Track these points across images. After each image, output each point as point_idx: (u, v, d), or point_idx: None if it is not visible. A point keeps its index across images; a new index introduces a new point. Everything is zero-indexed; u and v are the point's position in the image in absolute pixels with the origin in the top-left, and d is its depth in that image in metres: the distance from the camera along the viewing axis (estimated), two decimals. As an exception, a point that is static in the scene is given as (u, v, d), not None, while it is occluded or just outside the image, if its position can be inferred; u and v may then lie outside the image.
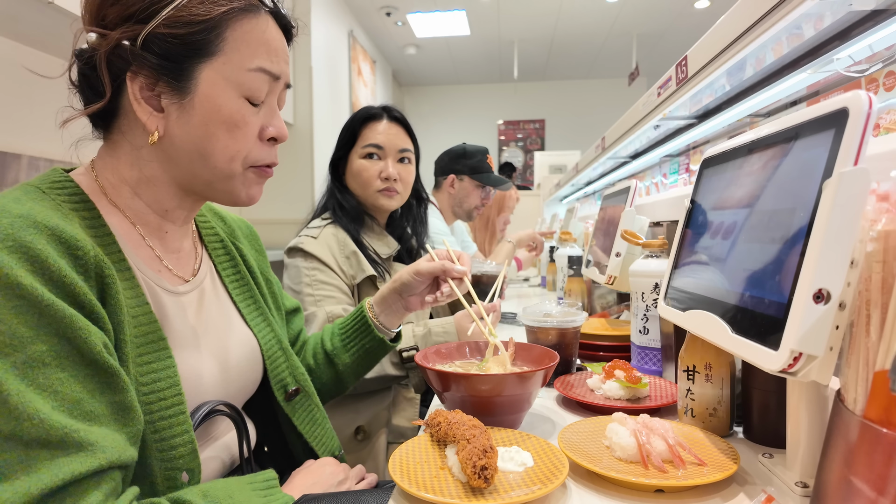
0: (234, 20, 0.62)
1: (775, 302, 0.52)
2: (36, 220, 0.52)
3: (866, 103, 0.47)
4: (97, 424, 0.50)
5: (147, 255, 0.67)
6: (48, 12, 2.17)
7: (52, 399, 0.48)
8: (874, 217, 0.46)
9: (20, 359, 0.47)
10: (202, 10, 0.60)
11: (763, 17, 0.76)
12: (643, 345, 1.00)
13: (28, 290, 0.48)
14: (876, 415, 0.41)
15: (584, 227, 2.17)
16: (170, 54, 0.60)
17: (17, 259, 0.49)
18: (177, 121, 0.62)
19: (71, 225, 0.55)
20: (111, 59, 0.60)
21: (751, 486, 0.61)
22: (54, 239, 0.52)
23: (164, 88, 0.61)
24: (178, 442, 0.59)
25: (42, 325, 0.49)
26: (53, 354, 0.49)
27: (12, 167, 2.49)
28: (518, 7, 5.40)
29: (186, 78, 0.61)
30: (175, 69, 0.61)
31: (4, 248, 0.49)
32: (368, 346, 0.95)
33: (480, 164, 2.09)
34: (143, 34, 0.59)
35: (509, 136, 7.88)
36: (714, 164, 0.78)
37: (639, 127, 1.51)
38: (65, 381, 0.49)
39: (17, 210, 0.52)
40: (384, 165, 1.32)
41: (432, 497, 0.55)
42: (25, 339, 0.48)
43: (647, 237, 1.15)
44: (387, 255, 1.32)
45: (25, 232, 0.50)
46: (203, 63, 0.62)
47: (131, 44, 0.59)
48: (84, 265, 0.54)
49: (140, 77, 0.60)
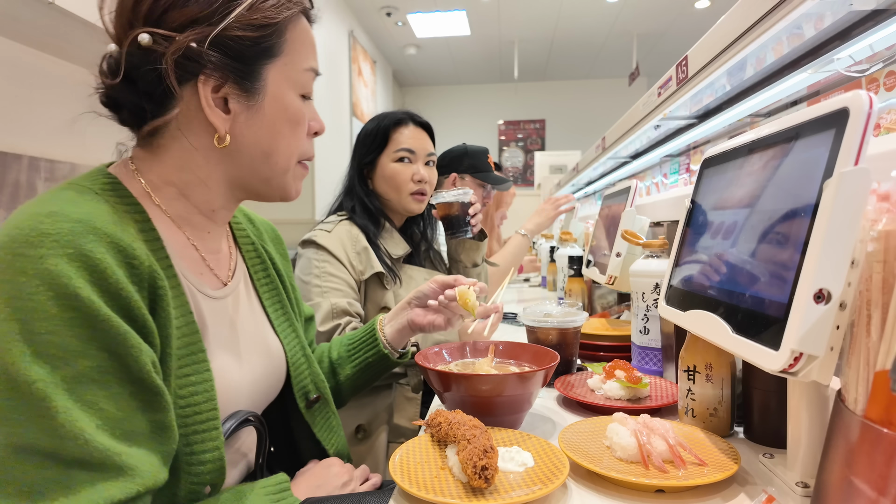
0: (292, 21, 0.64)
1: (776, 302, 0.52)
2: (95, 226, 0.51)
3: (867, 103, 0.47)
4: (136, 445, 0.49)
5: (191, 257, 0.67)
6: (48, 12, 2.17)
7: (96, 417, 0.47)
8: (875, 217, 0.46)
9: (69, 373, 0.46)
10: (273, 12, 0.61)
11: (763, 17, 0.76)
12: (644, 345, 1.00)
13: (85, 302, 0.47)
14: (876, 415, 0.41)
15: (584, 227, 2.17)
16: (241, 56, 0.60)
17: (77, 268, 0.48)
18: (245, 122, 0.62)
19: (127, 232, 0.54)
20: (177, 62, 0.58)
21: (751, 486, 0.61)
22: (113, 247, 0.51)
23: (233, 90, 0.61)
24: (208, 458, 0.58)
25: (94, 339, 0.48)
26: (101, 370, 0.48)
27: (13, 167, 2.49)
28: (518, 7, 5.39)
29: (256, 79, 0.62)
30: (245, 71, 0.61)
31: (64, 256, 0.48)
32: (371, 359, 0.94)
33: (482, 164, 2.10)
34: (211, 36, 0.58)
35: (509, 136, 7.88)
36: (714, 164, 0.78)
37: (639, 127, 1.51)
38: (110, 399, 0.48)
39: (75, 214, 0.50)
40: (416, 168, 1.36)
41: (433, 497, 0.55)
42: (76, 353, 0.47)
43: (648, 237, 1.15)
44: (398, 256, 1.33)
45: (85, 238, 0.49)
46: (269, 64, 0.62)
47: (200, 46, 0.58)
48: (139, 275, 0.53)
49: (211, 80, 0.59)
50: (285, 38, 0.63)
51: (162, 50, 0.57)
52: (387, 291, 1.26)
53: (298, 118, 0.66)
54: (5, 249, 0.48)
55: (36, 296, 0.46)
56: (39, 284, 0.46)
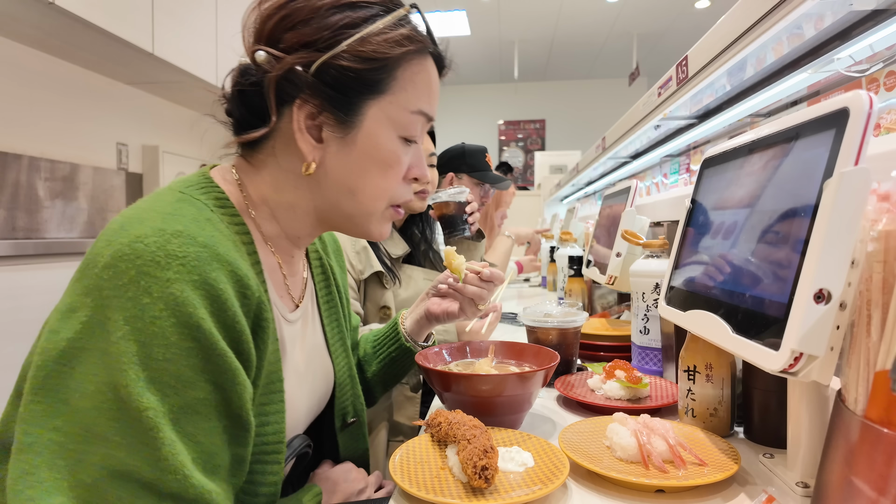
0: (406, 60, 0.61)
1: (776, 302, 0.52)
2: (218, 253, 0.50)
3: (867, 103, 0.47)
4: (218, 479, 0.49)
5: (277, 280, 0.66)
6: (48, 12, 2.17)
7: (193, 450, 0.46)
8: (875, 217, 0.46)
9: (177, 403, 0.46)
10: (383, 48, 0.59)
11: (763, 17, 0.76)
12: (644, 345, 1.00)
13: (206, 334, 0.47)
14: (877, 415, 0.41)
15: (584, 227, 2.17)
16: (342, 87, 0.58)
17: (201, 297, 0.47)
18: (335, 154, 0.61)
19: (242, 259, 0.54)
20: (280, 82, 0.58)
21: (751, 486, 0.61)
22: (232, 276, 0.51)
23: (329, 120, 0.59)
24: (265, 491, 0.58)
25: (206, 371, 0.47)
26: (206, 403, 0.48)
27: (13, 167, 2.49)
28: (518, 7, 5.39)
29: (354, 112, 0.60)
30: (344, 102, 0.59)
31: (190, 283, 0.47)
32: (395, 354, 0.93)
33: (480, 163, 2.10)
34: (318, 62, 0.57)
35: (510, 137, 7.88)
36: (714, 164, 0.78)
37: (639, 127, 1.51)
38: (207, 432, 0.48)
39: (201, 237, 0.50)
40: None
41: (433, 497, 0.55)
42: (187, 384, 0.46)
43: (648, 237, 1.15)
44: (397, 256, 1.33)
45: (210, 266, 0.49)
46: (372, 100, 0.60)
47: (304, 70, 0.57)
48: (248, 305, 0.53)
49: (308, 105, 0.59)
50: (395, 76, 0.61)
51: (268, 68, 0.57)
52: (386, 291, 1.26)
53: (392, 160, 0.63)
54: (128, 262, 0.46)
55: (159, 321, 0.45)
56: (164, 309, 0.46)
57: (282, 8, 0.59)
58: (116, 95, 3.13)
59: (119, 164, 3.14)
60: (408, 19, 0.62)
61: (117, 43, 2.53)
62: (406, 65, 0.61)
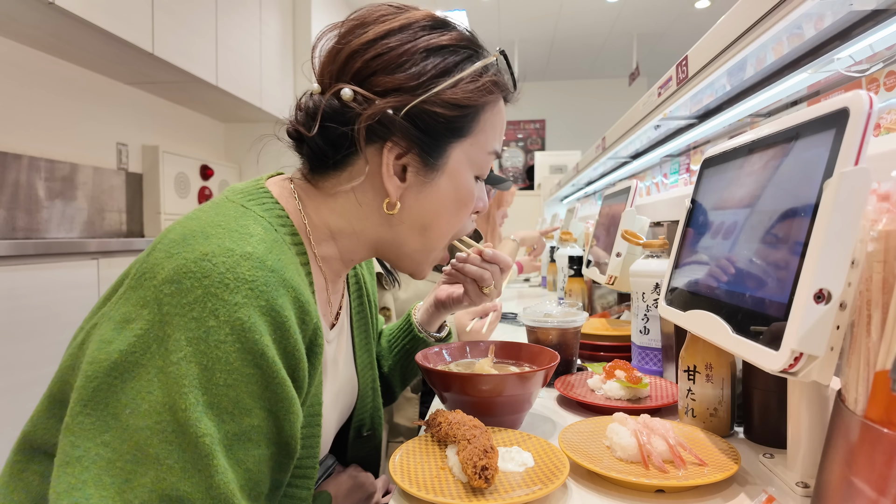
0: (490, 104, 0.62)
1: (776, 302, 0.52)
2: (285, 278, 0.50)
3: (867, 103, 0.47)
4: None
5: (323, 300, 0.66)
6: (48, 12, 2.17)
7: (242, 476, 0.46)
8: (875, 217, 0.46)
9: (232, 429, 0.45)
10: (475, 95, 0.59)
11: (763, 17, 0.76)
12: (644, 345, 1.00)
13: (269, 362, 0.46)
14: (877, 415, 0.41)
15: (584, 227, 2.17)
16: (431, 131, 0.59)
17: (267, 324, 0.47)
18: (416, 194, 0.61)
19: (304, 284, 0.53)
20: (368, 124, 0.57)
21: (751, 486, 0.61)
22: (296, 303, 0.50)
23: (415, 161, 0.59)
24: None
25: (263, 398, 0.47)
26: (259, 431, 0.47)
27: (13, 167, 2.49)
28: (518, 7, 5.39)
29: (440, 156, 0.60)
30: (432, 146, 0.59)
31: (258, 308, 0.46)
32: (409, 346, 0.93)
33: None
34: (409, 106, 0.57)
35: (510, 136, 7.88)
36: (714, 164, 0.78)
37: (639, 127, 1.51)
38: (257, 460, 0.47)
39: (269, 261, 0.49)
40: None
41: (433, 497, 0.55)
42: (244, 410, 0.46)
43: (648, 237, 1.15)
44: None
45: (277, 292, 0.48)
46: (456, 143, 0.61)
47: (395, 113, 0.57)
48: (306, 332, 0.52)
49: (396, 148, 0.59)
50: (478, 120, 0.61)
51: (359, 109, 0.57)
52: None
53: (468, 200, 0.64)
54: (195, 280, 0.45)
55: (224, 345, 0.45)
56: (230, 334, 0.45)
57: (372, 46, 0.58)
58: (116, 95, 3.13)
59: (119, 164, 3.14)
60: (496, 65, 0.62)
61: (117, 43, 2.53)
62: (489, 107, 0.62)
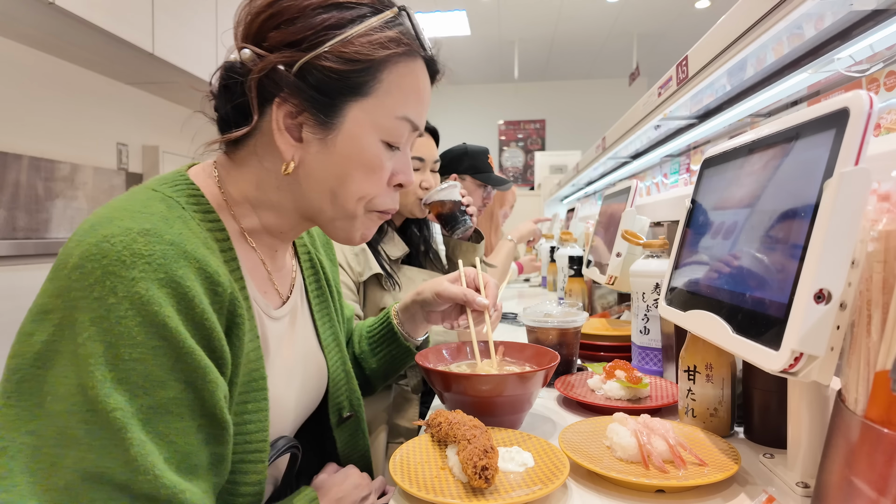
0: (393, 63, 0.60)
1: (776, 302, 0.52)
2: (186, 250, 0.50)
3: (867, 103, 0.47)
4: (195, 479, 0.49)
5: (260, 276, 0.66)
6: (48, 12, 2.17)
7: (166, 449, 0.46)
8: (875, 217, 0.46)
9: (147, 403, 0.46)
10: (367, 50, 0.58)
11: (763, 17, 0.76)
12: (644, 345, 1.00)
13: (172, 332, 0.47)
14: (877, 415, 0.41)
15: (584, 227, 2.17)
16: (324, 88, 0.58)
17: (167, 295, 0.47)
18: (315, 154, 0.60)
19: (213, 255, 0.54)
20: (262, 80, 0.58)
21: (752, 486, 0.61)
22: (200, 273, 0.51)
23: (309, 120, 0.59)
24: (248, 490, 0.57)
25: (175, 370, 0.47)
26: (178, 402, 0.47)
27: (13, 167, 2.49)
28: (518, 7, 5.39)
29: (335, 114, 0.59)
30: (325, 103, 0.58)
31: (156, 281, 0.47)
32: (395, 352, 0.93)
33: (482, 164, 2.09)
34: (301, 62, 0.56)
35: (510, 137, 7.87)
36: (715, 164, 0.78)
37: (639, 127, 1.51)
38: (181, 432, 0.47)
39: (168, 235, 0.50)
40: (425, 176, 1.37)
41: (433, 497, 0.55)
42: (156, 383, 0.46)
43: (648, 237, 1.15)
44: (396, 257, 1.33)
45: (177, 264, 0.49)
46: (354, 102, 0.59)
47: (287, 70, 0.57)
48: (220, 302, 0.52)
49: (287, 104, 0.58)
50: (379, 80, 0.59)
51: (250, 66, 0.58)
52: (385, 293, 1.26)
53: (374, 165, 0.62)
54: (95, 262, 0.46)
55: (125, 320, 0.45)
56: (129, 308, 0.45)
57: (270, 6, 0.58)
58: (116, 95, 3.13)
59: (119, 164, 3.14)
60: (398, 21, 0.61)
61: (117, 43, 2.52)
62: (392, 68, 0.60)
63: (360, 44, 0.58)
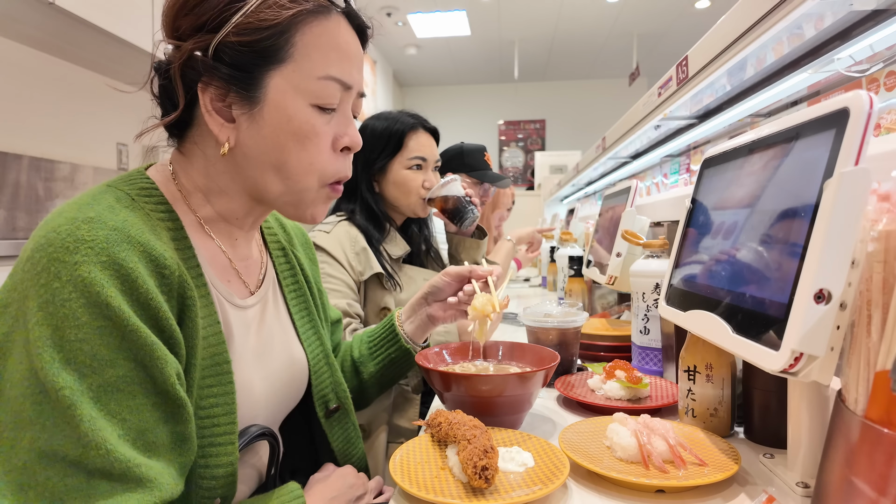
0: (304, 24, 0.59)
1: (776, 302, 0.52)
2: (129, 235, 0.51)
3: (867, 103, 0.47)
4: (156, 456, 0.49)
5: (220, 264, 0.66)
6: (48, 12, 2.17)
7: (119, 427, 0.47)
8: (875, 217, 0.46)
9: (96, 382, 0.47)
10: (270, 14, 0.58)
11: (764, 17, 0.76)
12: (644, 345, 1.00)
13: (115, 311, 0.48)
14: (877, 415, 0.41)
15: (584, 227, 2.17)
16: (239, 63, 0.58)
17: (109, 276, 0.48)
18: (247, 131, 0.60)
19: (160, 240, 0.55)
20: (185, 70, 0.59)
21: (752, 486, 0.61)
22: (145, 256, 0.52)
23: (235, 98, 0.59)
24: (221, 472, 0.58)
25: (122, 349, 0.48)
26: (128, 381, 0.48)
27: (13, 167, 2.49)
28: (518, 7, 5.39)
29: (256, 87, 0.59)
30: (245, 78, 0.59)
31: (98, 264, 0.48)
32: (394, 355, 0.93)
33: (478, 162, 2.09)
34: (213, 44, 0.57)
35: (510, 137, 7.88)
36: (715, 164, 0.78)
37: (639, 127, 1.51)
38: (134, 409, 0.49)
39: (112, 221, 0.51)
40: (427, 176, 1.38)
41: (433, 497, 0.55)
42: (104, 362, 0.47)
43: (648, 237, 1.15)
44: (397, 256, 1.33)
45: (119, 247, 0.50)
46: (272, 70, 0.59)
47: (203, 54, 0.58)
48: (169, 285, 0.53)
49: (211, 88, 0.59)
50: (292, 43, 0.59)
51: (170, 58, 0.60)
52: (386, 292, 1.26)
53: (307, 131, 0.61)
54: (42, 252, 0.48)
55: (69, 302, 0.47)
56: (73, 291, 0.47)
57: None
58: (116, 95, 3.13)
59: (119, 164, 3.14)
60: None
61: (117, 43, 2.52)
62: (305, 28, 0.60)
63: (262, 10, 0.58)
